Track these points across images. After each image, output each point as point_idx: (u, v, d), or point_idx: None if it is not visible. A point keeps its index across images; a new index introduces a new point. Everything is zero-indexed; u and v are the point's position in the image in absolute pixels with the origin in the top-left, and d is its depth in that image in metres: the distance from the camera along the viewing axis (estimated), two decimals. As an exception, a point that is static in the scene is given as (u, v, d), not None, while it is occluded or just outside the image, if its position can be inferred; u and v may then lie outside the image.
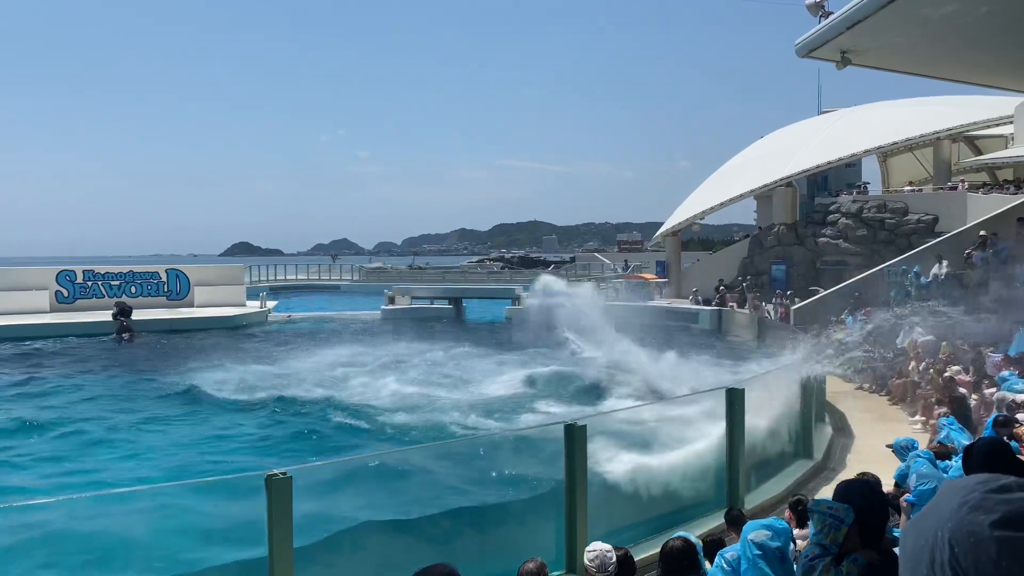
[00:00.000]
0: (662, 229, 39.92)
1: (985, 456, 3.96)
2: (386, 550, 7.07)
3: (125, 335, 27.81)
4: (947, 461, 6.85)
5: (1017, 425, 6.70)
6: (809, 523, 3.45)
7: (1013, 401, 8.18)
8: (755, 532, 4.83)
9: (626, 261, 52.65)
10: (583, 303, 22.51)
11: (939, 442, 7.84)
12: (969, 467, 4.14)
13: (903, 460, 7.05)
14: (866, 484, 3.55)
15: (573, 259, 74.05)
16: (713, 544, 6.21)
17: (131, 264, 37.17)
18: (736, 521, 6.82)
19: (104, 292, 32.88)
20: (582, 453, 7.39)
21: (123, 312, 28.84)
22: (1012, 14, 13.49)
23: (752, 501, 9.53)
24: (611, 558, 4.87)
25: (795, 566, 4.88)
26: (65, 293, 32.52)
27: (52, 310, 31.61)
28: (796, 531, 6.34)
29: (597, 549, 4.94)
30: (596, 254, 72.78)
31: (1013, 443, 6.11)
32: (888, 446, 7.66)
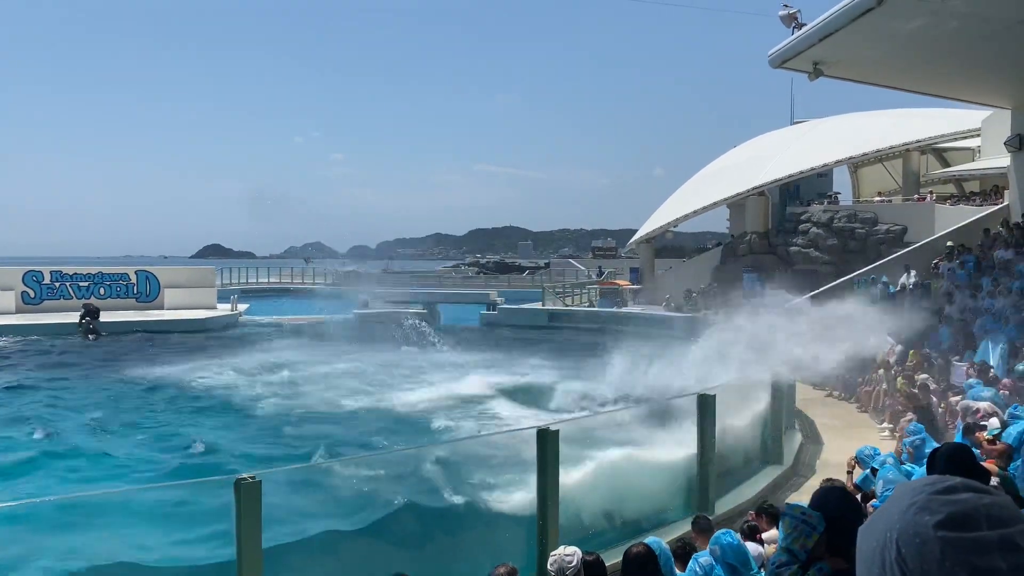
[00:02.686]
0: (636, 236, 40.16)
1: (947, 460, 4.03)
2: (355, 554, 7.03)
3: (92, 336, 27.43)
4: (911, 466, 6.96)
5: (979, 430, 6.84)
6: (779, 526, 3.47)
7: (977, 410, 8.32)
8: (711, 546, 4.97)
9: (600, 267, 52.94)
10: None
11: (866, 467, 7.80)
12: (932, 471, 4.21)
13: (866, 467, 7.20)
14: (840, 493, 3.57)
15: (548, 265, 74.35)
16: (685, 547, 6.25)
17: (100, 265, 36.64)
18: (703, 528, 6.90)
19: (72, 293, 32.38)
20: (554, 458, 7.41)
21: (90, 313, 28.43)
22: (980, 30, 13.76)
23: (722, 506, 9.61)
24: (570, 562, 4.87)
25: (759, 571, 4.94)
26: (32, 294, 31.98)
27: (18, 311, 31.06)
28: (765, 534, 6.42)
29: (556, 554, 4.96)
30: (571, 260, 73.11)
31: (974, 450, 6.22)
32: (852, 458, 7.80)
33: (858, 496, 6.88)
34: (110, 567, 6.24)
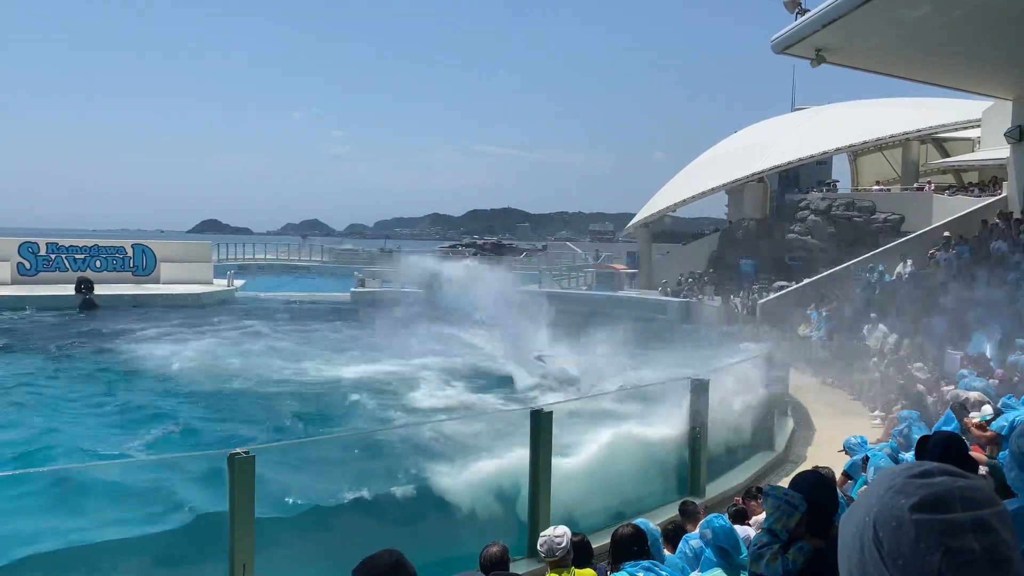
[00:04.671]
0: (634, 220, 40.09)
1: (942, 449, 4.04)
2: (346, 530, 7.07)
3: (87, 309, 27.40)
4: (903, 454, 7.00)
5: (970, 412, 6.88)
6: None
7: (967, 399, 8.35)
8: (702, 530, 5.00)
9: (597, 251, 52.93)
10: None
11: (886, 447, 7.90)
12: (923, 459, 4.22)
13: (853, 455, 7.29)
14: (817, 476, 3.67)
15: (545, 247, 74.27)
16: (677, 530, 6.29)
17: (96, 238, 36.49)
18: (690, 513, 6.94)
19: (68, 265, 32.26)
20: (547, 439, 7.44)
21: (84, 286, 28.39)
22: (983, 19, 13.70)
23: (714, 490, 9.66)
24: (559, 543, 4.89)
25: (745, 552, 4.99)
26: (27, 265, 31.87)
27: (13, 282, 30.96)
28: (753, 518, 6.46)
29: (546, 534, 4.98)
30: (568, 243, 73.03)
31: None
32: (840, 450, 7.86)
33: (847, 483, 6.93)
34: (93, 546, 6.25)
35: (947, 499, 0.98)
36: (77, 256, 32.76)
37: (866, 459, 7.09)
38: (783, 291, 24.27)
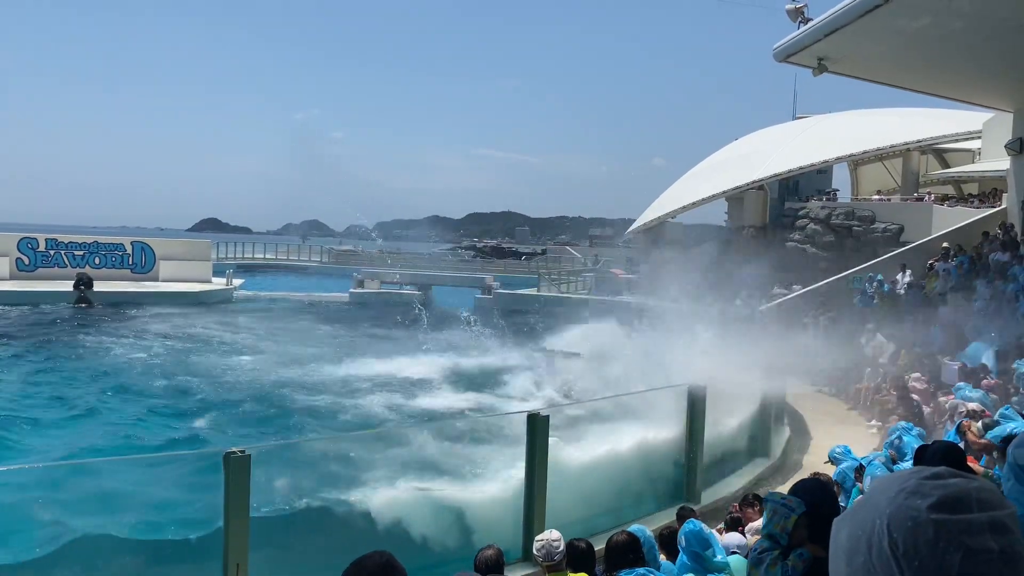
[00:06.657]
0: (634, 226, 40.14)
1: (940, 459, 4.05)
2: (339, 531, 7.05)
3: (83, 305, 27.38)
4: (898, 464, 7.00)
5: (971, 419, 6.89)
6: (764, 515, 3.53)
7: (965, 409, 8.35)
8: (679, 537, 5.05)
9: (596, 256, 52.87)
10: None
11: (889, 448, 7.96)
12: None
13: (838, 465, 7.30)
14: (817, 480, 3.65)
15: (544, 251, 74.37)
16: (672, 535, 6.28)
17: (96, 235, 36.47)
18: (687, 519, 6.94)
19: (67, 261, 32.24)
20: (543, 443, 7.43)
21: (83, 282, 28.37)
22: (984, 31, 13.72)
23: (709, 497, 9.65)
24: (557, 547, 4.88)
25: (724, 557, 5.00)
26: (26, 260, 31.84)
27: (12, 277, 30.94)
28: (749, 525, 6.46)
29: (544, 539, 4.96)
30: (568, 247, 73.09)
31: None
32: (827, 461, 7.89)
33: (839, 493, 6.94)
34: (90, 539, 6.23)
35: (964, 500, 0.99)
36: (76, 253, 32.73)
37: (860, 468, 7.10)
38: (781, 299, 24.26)
